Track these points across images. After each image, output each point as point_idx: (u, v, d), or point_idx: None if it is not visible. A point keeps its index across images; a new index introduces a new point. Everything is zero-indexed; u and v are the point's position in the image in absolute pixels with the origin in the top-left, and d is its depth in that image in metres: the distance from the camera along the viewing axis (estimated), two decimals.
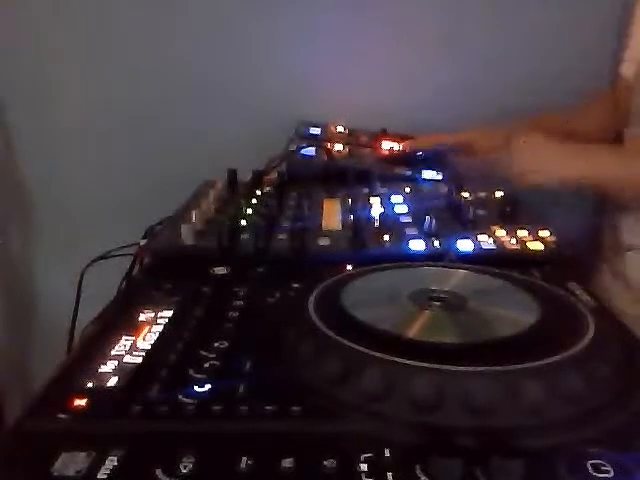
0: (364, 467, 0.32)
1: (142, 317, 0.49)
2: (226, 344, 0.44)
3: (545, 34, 1.08)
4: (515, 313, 0.45)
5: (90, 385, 0.39)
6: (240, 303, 0.51)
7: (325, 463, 0.32)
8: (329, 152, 0.94)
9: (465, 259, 0.59)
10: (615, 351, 0.41)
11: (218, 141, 1.14)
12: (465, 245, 0.63)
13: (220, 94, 1.13)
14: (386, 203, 0.78)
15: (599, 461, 0.32)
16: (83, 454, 0.32)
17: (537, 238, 0.65)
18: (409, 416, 0.35)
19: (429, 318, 0.44)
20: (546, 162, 0.72)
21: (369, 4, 1.10)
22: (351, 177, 0.90)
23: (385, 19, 1.10)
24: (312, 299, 0.46)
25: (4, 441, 0.34)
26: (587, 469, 0.31)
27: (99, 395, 0.38)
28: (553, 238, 0.65)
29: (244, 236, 0.64)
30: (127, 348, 0.44)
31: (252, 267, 0.58)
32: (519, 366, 0.36)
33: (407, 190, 0.85)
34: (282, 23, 1.11)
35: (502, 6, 1.09)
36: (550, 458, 0.32)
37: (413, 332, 0.41)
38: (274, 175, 0.89)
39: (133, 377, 0.40)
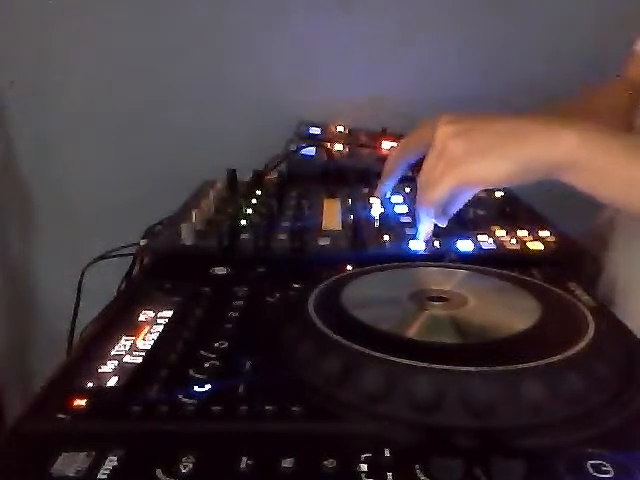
0: (364, 467, 0.32)
1: (142, 317, 0.49)
2: (226, 344, 0.44)
3: (546, 33, 1.08)
4: (515, 313, 0.45)
5: (90, 385, 0.39)
6: (240, 303, 0.51)
7: (325, 463, 0.32)
8: (329, 152, 0.94)
9: (465, 259, 0.59)
10: (615, 351, 0.41)
11: (218, 141, 1.14)
12: (465, 245, 0.63)
13: (220, 94, 1.13)
14: (386, 203, 0.78)
15: (599, 461, 0.32)
16: (83, 454, 0.32)
17: (537, 238, 0.65)
18: (409, 416, 0.35)
19: (429, 318, 0.44)
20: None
21: (369, 4, 1.11)
22: (351, 177, 0.90)
23: (385, 19, 1.11)
24: (312, 299, 0.46)
25: (4, 441, 0.34)
26: (587, 469, 0.31)
27: (99, 395, 0.38)
28: (553, 238, 0.65)
29: (244, 236, 0.64)
30: (127, 348, 0.44)
31: (252, 267, 0.58)
32: (519, 366, 0.36)
33: (407, 190, 0.85)
34: (282, 23, 1.11)
35: (503, 6, 1.10)
36: (550, 458, 0.32)
37: (413, 332, 0.41)
38: (274, 175, 0.89)
39: (133, 377, 0.40)
